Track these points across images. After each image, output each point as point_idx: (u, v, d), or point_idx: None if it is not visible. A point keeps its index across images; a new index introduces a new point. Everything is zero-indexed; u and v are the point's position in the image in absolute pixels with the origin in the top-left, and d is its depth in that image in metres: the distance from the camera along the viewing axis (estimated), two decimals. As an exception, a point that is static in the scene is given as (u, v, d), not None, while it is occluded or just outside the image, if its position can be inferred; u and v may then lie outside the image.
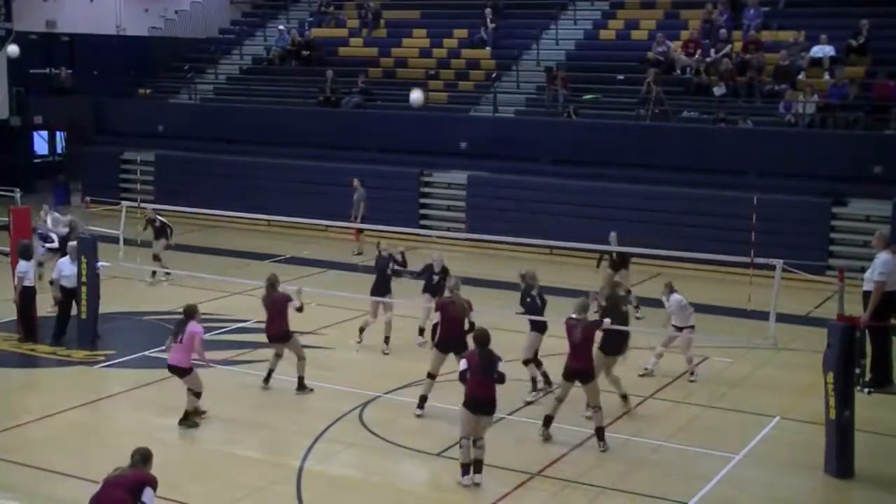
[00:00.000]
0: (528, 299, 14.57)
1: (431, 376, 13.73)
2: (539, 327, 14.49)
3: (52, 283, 17.39)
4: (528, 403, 14.16)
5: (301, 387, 14.48)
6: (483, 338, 11.44)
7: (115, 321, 17.90)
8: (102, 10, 33.94)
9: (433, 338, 14.13)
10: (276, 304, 14.55)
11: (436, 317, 14.07)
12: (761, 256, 15.62)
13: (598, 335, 13.06)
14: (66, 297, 16.90)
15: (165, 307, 19.08)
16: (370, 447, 12.70)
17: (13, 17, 30.95)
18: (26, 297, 16.72)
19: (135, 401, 14.24)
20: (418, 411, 13.69)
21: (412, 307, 17.42)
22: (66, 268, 16.86)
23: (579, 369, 12.54)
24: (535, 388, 14.42)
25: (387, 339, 16.59)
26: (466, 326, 13.69)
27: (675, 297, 15.20)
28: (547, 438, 12.80)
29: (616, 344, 13.45)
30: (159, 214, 21.42)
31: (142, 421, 13.44)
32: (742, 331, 16.32)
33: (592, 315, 13.05)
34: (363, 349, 16.67)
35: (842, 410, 11.74)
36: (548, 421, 12.86)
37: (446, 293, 14.27)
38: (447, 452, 12.47)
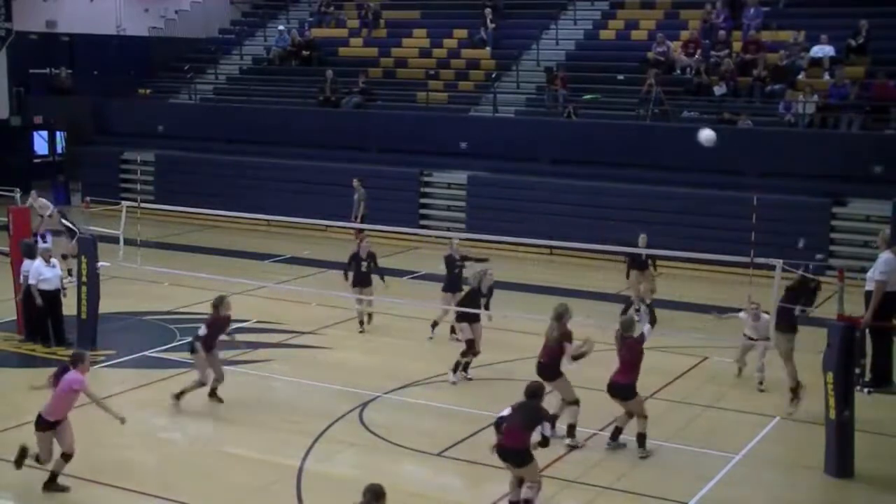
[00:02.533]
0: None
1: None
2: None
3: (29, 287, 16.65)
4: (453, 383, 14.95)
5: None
6: (529, 390, 10.71)
7: (115, 321, 17.90)
8: (102, 10, 33.91)
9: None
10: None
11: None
12: (761, 256, 15.61)
13: None
14: (48, 300, 16.56)
15: (165, 307, 19.10)
16: (370, 447, 12.70)
17: (13, 17, 30.94)
18: (30, 297, 16.67)
19: (135, 401, 14.22)
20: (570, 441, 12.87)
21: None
22: (44, 271, 16.45)
23: (622, 385, 12.34)
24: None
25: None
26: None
27: (765, 317, 14.83)
28: (617, 448, 12.62)
29: None
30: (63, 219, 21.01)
31: (142, 421, 13.43)
32: (742, 331, 16.29)
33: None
34: (362, 350, 16.64)
35: (842, 410, 11.75)
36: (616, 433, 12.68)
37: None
38: (447, 452, 12.48)
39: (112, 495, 11.29)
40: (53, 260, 16.78)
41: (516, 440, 10.42)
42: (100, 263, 17.03)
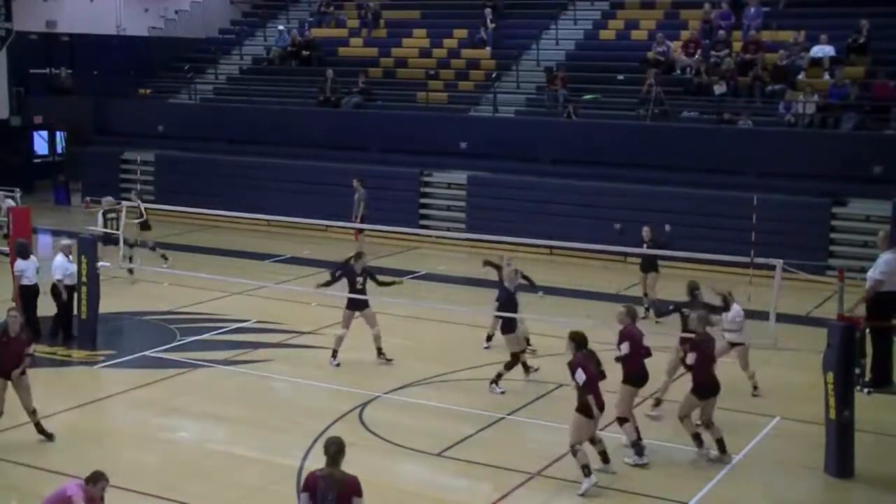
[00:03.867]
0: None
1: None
2: None
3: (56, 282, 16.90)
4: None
5: None
6: (579, 337, 11.37)
7: (115, 321, 17.91)
8: (102, 10, 33.93)
9: None
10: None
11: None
12: (761, 256, 15.60)
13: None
14: (70, 295, 16.85)
15: (165, 307, 19.10)
16: (370, 447, 12.69)
17: (13, 17, 30.95)
18: (27, 296, 16.68)
19: (135, 401, 14.23)
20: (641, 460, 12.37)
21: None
22: (69, 266, 16.73)
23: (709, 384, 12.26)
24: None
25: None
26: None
27: (737, 308, 14.40)
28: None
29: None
30: None
31: (141, 421, 13.44)
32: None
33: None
34: (362, 350, 16.62)
35: (841, 410, 11.75)
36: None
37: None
38: (447, 452, 12.47)
39: (112, 495, 11.26)
40: (72, 255, 16.87)
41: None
42: (100, 263, 17.04)
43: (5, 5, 30.63)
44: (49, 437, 12.60)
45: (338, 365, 15.69)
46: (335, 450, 7.99)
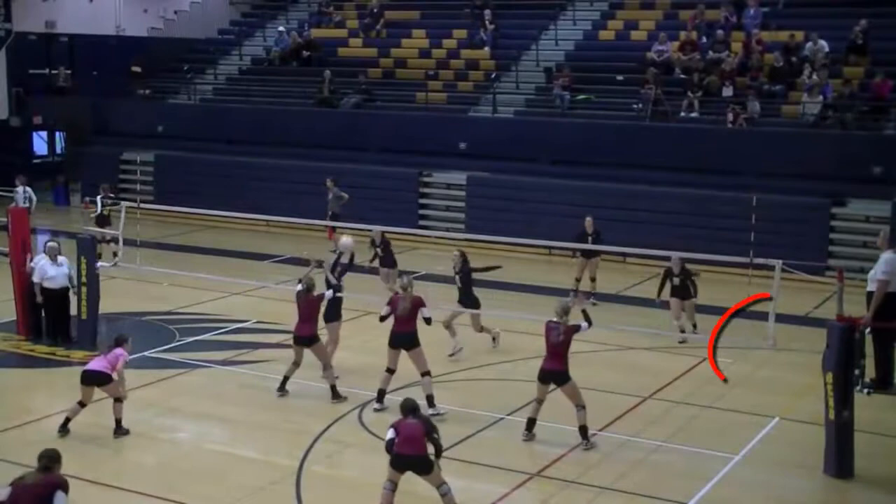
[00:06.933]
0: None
1: (390, 371, 13.85)
2: None
3: None
4: None
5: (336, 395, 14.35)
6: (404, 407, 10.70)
7: (115, 321, 17.89)
8: (102, 10, 33.92)
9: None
10: (310, 305, 14.48)
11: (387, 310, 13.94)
12: (761, 256, 15.59)
13: None
14: (53, 299, 16.81)
15: (165, 307, 19.10)
16: (370, 447, 12.68)
17: (13, 17, 30.95)
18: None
19: (135, 401, 14.18)
20: (377, 405, 13.72)
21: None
22: (49, 269, 16.70)
23: (549, 370, 12.59)
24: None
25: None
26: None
27: None
28: (530, 440, 12.81)
29: None
30: None
31: (142, 421, 13.43)
32: (742, 331, 16.26)
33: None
34: (362, 350, 16.61)
35: (841, 411, 11.76)
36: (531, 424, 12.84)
37: (399, 290, 14.14)
38: (447, 452, 12.42)
39: (112, 495, 11.30)
40: (61, 258, 16.79)
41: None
42: (99, 264, 17.04)
43: (5, 5, 30.64)
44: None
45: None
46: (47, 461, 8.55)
